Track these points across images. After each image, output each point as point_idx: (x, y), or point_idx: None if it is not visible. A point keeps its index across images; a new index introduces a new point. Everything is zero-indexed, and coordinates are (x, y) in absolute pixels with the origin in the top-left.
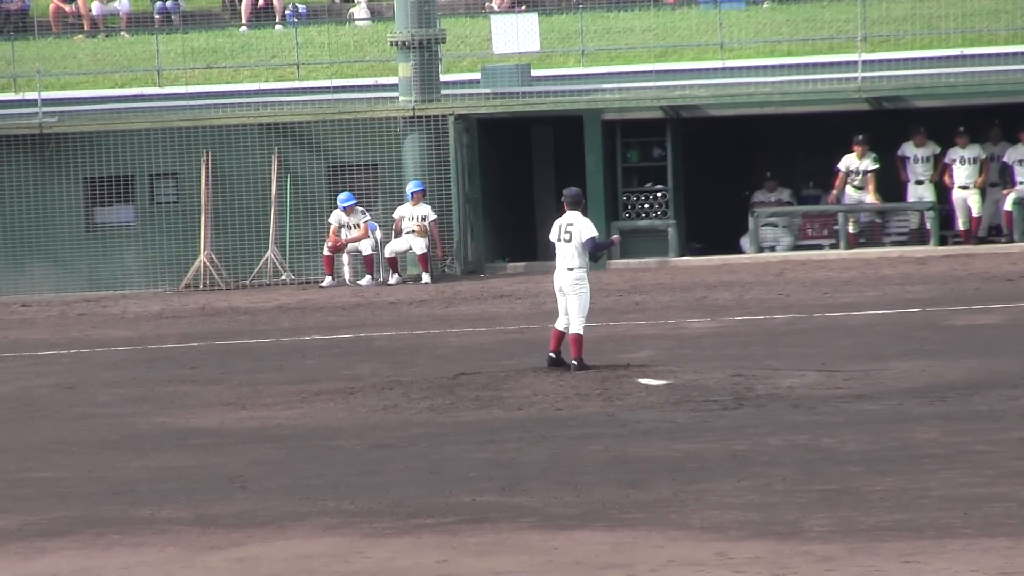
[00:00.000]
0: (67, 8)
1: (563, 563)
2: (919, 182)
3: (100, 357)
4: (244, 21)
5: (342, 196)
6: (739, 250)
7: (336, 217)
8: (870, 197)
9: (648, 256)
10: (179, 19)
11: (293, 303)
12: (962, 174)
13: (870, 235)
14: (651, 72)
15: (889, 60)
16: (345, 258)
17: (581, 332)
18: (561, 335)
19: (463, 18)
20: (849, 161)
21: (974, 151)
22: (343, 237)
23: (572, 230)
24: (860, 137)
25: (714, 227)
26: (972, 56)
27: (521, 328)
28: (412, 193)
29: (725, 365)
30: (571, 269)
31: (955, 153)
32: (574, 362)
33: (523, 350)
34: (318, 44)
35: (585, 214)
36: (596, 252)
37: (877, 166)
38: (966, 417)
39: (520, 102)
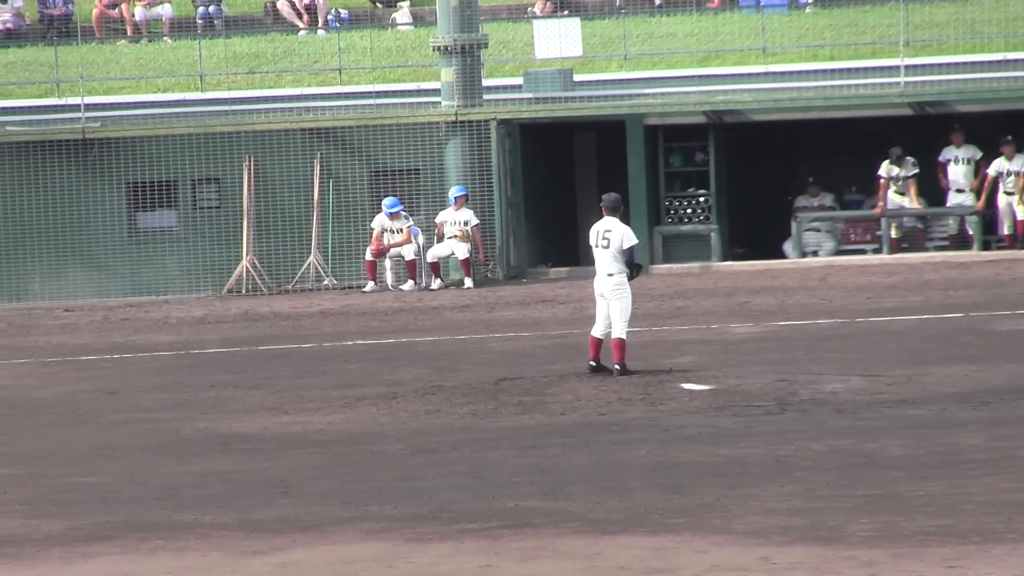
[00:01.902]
0: (111, 13)
1: (606, 568)
2: (959, 189)
3: (143, 362)
4: (304, 25)
5: (387, 201)
6: (782, 255)
7: (379, 222)
8: (912, 202)
9: (691, 261)
10: (221, 24)
11: (335, 308)
12: (1008, 183)
13: (913, 240)
14: (694, 77)
15: (932, 65)
16: (387, 263)
17: (624, 337)
18: (599, 342)
19: (505, 23)
20: (889, 168)
21: (1018, 163)
22: (386, 242)
23: (610, 236)
24: (894, 153)
25: (757, 232)
26: (1015, 61)
27: (564, 333)
28: (455, 198)
29: (768, 370)
30: (611, 275)
31: (1001, 165)
32: (616, 367)
33: (566, 355)
34: (360, 49)
35: (624, 220)
36: (631, 264)
37: (917, 170)
38: (1009, 422)
39: (562, 107)
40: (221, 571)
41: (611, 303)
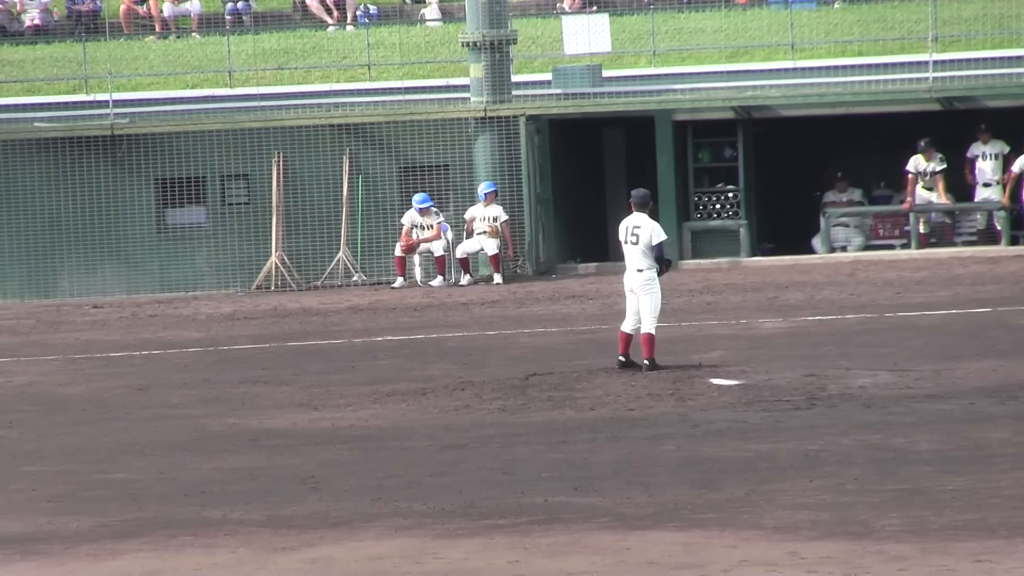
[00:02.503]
0: (139, 9)
1: (635, 563)
2: (987, 184)
3: (172, 358)
4: (333, 20)
5: (418, 197)
6: (810, 250)
7: (409, 217)
8: (940, 197)
9: (719, 256)
10: (250, 20)
11: (364, 304)
12: None
13: (941, 235)
14: (722, 72)
15: (960, 60)
16: (416, 259)
17: (653, 332)
18: (629, 337)
19: (534, 19)
20: (917, 162)
21: None
22: (415, 237)
23: (639, 232)
24: (923, 143)
25: (785, 227)
26: None
27: (593, 329)
28: (484, 194)
29: (797, 365)
30: (640, 270)
31: None
32: (646, 362)
33: (595, 351)
34: (389, 45)
35: (653, 216)
36: (660, 259)
37: (944, 166)
38: None
39: (591, 103)
40: (250, 567)
41: (641, 298)
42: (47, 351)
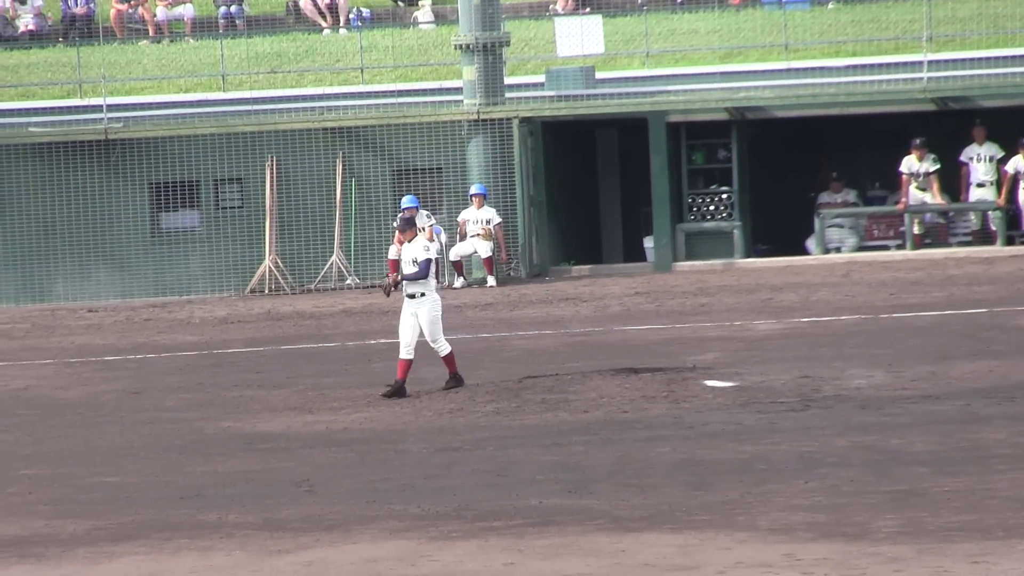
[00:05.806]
0: (122, 7)
1: (630, 565)
2: (980, 184)
3: (166, 362)
4: (326, 24)
5: (405, 199)
6: (805, 251)
7: None
8: (934, 198)
9: (714, 258)
10: (243, 23)
11: (358, 307)
12: None
13: (936, 236)
14: (716, 73)
15: (955, 60)
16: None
17: (448, 350)
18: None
19: (527, 21)
20: (910, 163)
21: None
22: None
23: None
24: (917, 141)
25: (780, 228)
26: None
27: (587, 331)
28: (472, 196)
29: (792, 367)
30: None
31: (1019, 163)
32: (452, 378)
33: (589, 353)
34: (382, 48)
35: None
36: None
37: (938, 166)
38: None
39: (584, 104)
40: (246, 570)
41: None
42: (42, 355)
